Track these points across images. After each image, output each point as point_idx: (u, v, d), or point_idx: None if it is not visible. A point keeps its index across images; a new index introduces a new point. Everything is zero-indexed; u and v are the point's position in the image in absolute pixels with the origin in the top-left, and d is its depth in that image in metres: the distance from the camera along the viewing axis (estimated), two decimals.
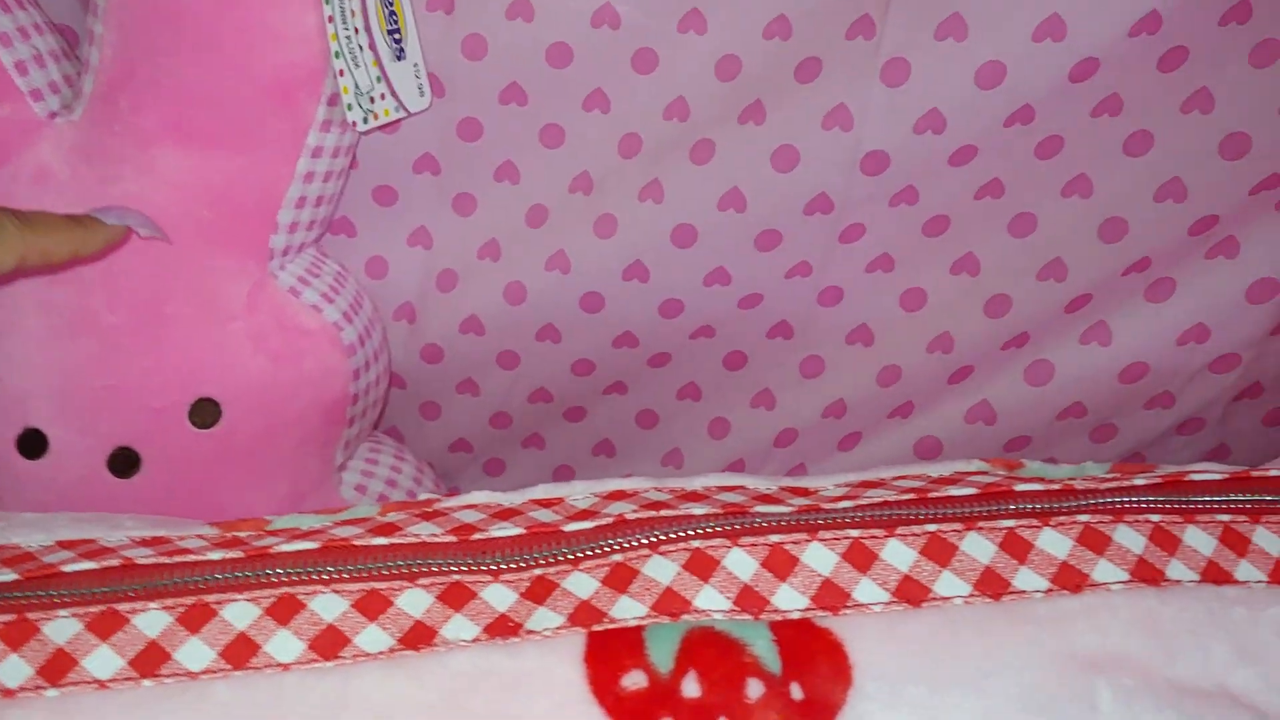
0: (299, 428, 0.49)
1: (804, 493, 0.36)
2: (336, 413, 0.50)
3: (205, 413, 0.47)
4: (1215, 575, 0.33)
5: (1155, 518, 0.34)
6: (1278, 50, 0.45)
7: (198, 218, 0.44)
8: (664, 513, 0.34)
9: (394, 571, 0.32)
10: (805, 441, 0.60)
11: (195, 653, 0.30)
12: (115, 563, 0.31)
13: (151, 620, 0.31)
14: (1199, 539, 0.34)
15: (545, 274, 0.54)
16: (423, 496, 0.37)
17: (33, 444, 0.46)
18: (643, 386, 0.60)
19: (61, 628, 0.30)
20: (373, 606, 0.31)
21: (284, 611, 0.31)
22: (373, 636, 0.31)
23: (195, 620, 0.31)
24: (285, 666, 0.30)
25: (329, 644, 0.31)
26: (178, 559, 0.32)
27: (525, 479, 0.64)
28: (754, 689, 0.30)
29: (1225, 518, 0.34)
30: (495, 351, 0.58)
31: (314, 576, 0.32)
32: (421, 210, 0.54)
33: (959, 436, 0.57)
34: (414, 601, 0.32)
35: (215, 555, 0.32)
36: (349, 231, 0.55)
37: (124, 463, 0.46)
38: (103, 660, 0.30)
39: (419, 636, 0.31)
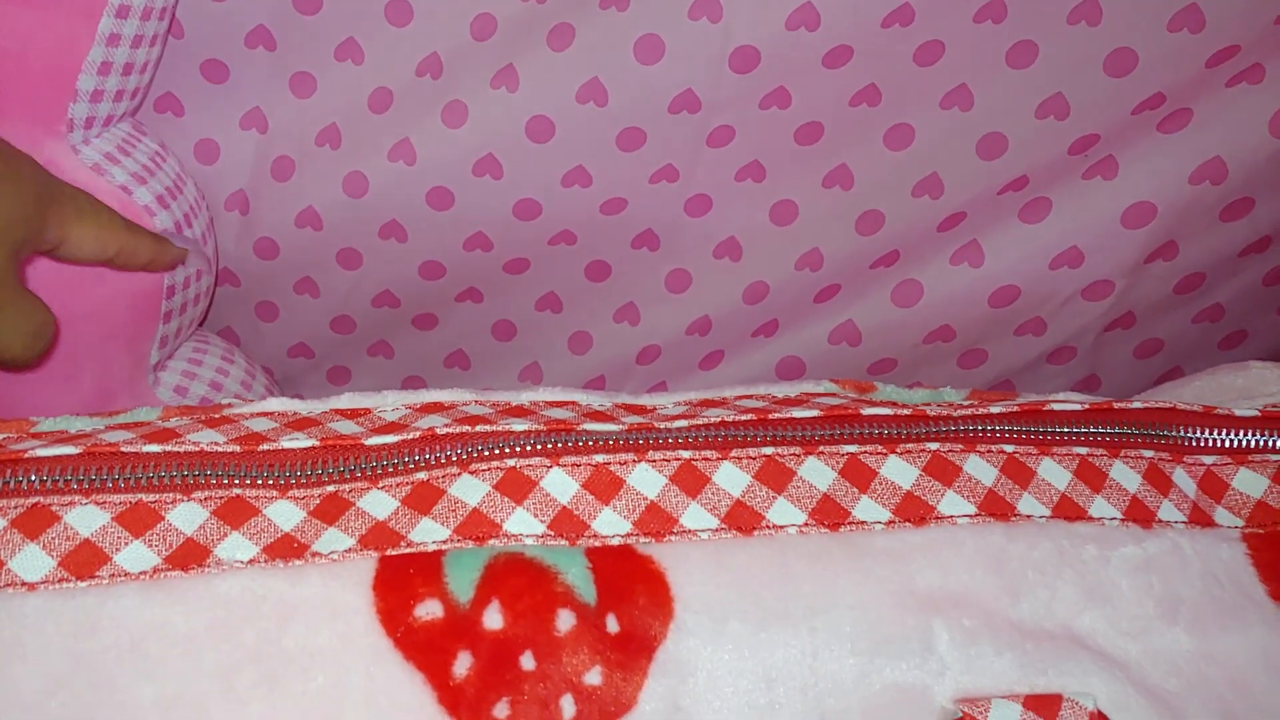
0: (103, 320, 0.44)
1: (639, 410, 0.34)
2: (148, 306, 0.45)
3: None
4: (1068, 511, 0.31)
5: (1009, 448, 0.32)
6: None
7: None
8: (480, 428, 0.31)
9: (166, 482, 0.29)
10: (667, 359, 0.58)
11: None
12: None
13: None
14: (1053, 472, 0.32)
15: (388, 165, 0.50)
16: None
17: None
18: (498, 295, 0.57)
19: None
20: (138, 520, 0.28)
21: (34, 524, 0.27)
22: (135, 554, 0.27)
23: None
24: (31, 586, 0.27)
25: (83, 562, 0.27)
26: None
27: (373, 389, 0.60)
28: (564, 621, 0.28)
29: (1083, 450, 0.33)
30: (335, 249, 0.54)
31: (73, 485, 0.28)
32: (255, 89, 0.50)
33: (822, 357, 0.55)
34: (186, 516, 0.28)
35: None
36: (175, 110, 0.50)
37: None
38: None
39: (189, 556, 0.28)
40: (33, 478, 0.28)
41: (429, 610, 0.27)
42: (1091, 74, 0.45)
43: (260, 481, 0.29)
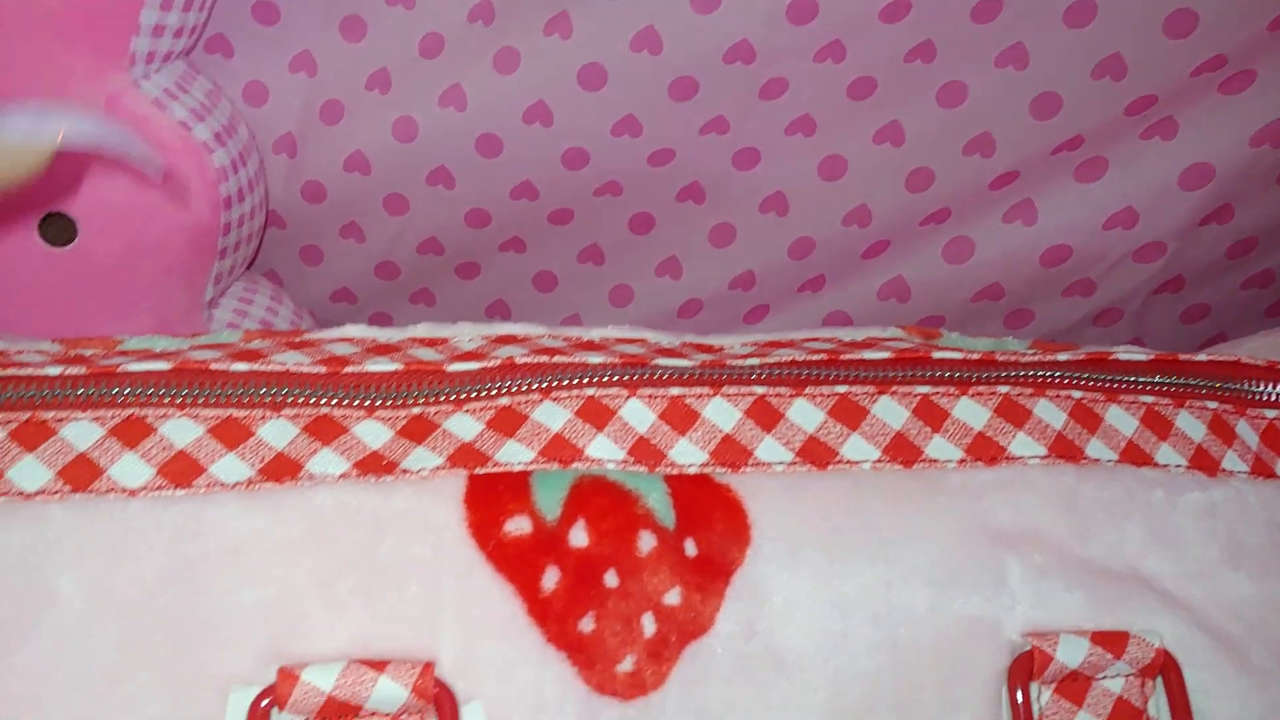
0: (162, 254, 0.45)
1: (708, 349, 0.34)
2: (205, 242, 0.46)
3: (58, 229, 0.43)
4: (1135, 456, 0.32)
5: (1077, 394, 0.33)
6: None
7: (46, 7, 0.40)
8: (557, 359, 0.31)
9: (255, 399, 0.29)
10: (710, 313, 0.58)
11: (29, 471, 0.27)
12: None
13: None
14: (1121, 419, 0.32)
15: (438, 110, 0.50)
16: None
17: None
18: (542, 245, 0.57)
19: None
20: (230, 435, 0.28)
21: (131, 434, 0.28)
22: (230, 466, 0.28)
23: (30, 437, 0.27)
24: (132, 492, 0.27)
25: (181, 471, 0.27)
26: (11, 371, 0.28)
27: None
28: (645, 542, 0.28)
29: (1149, 399, 0.33)
30: (382, 194, 0.54)
31: (165, 399, 0.29)
32: (306, 32, 0.50)
33: (870, 312, 0.55)
34: (277, 432, 0.29)
35: (54, 370, 0.28)
36: (225, 52, 0.50)
37: None
38: None
39: (282, 469, 0.28)
40: (126, 390, 0.28)
41: (518, 526, 0.28)
42: (1150, 35, 0.46)
43: (347, 402, 0.29)
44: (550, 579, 0.27)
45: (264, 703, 0.25)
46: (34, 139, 0.27)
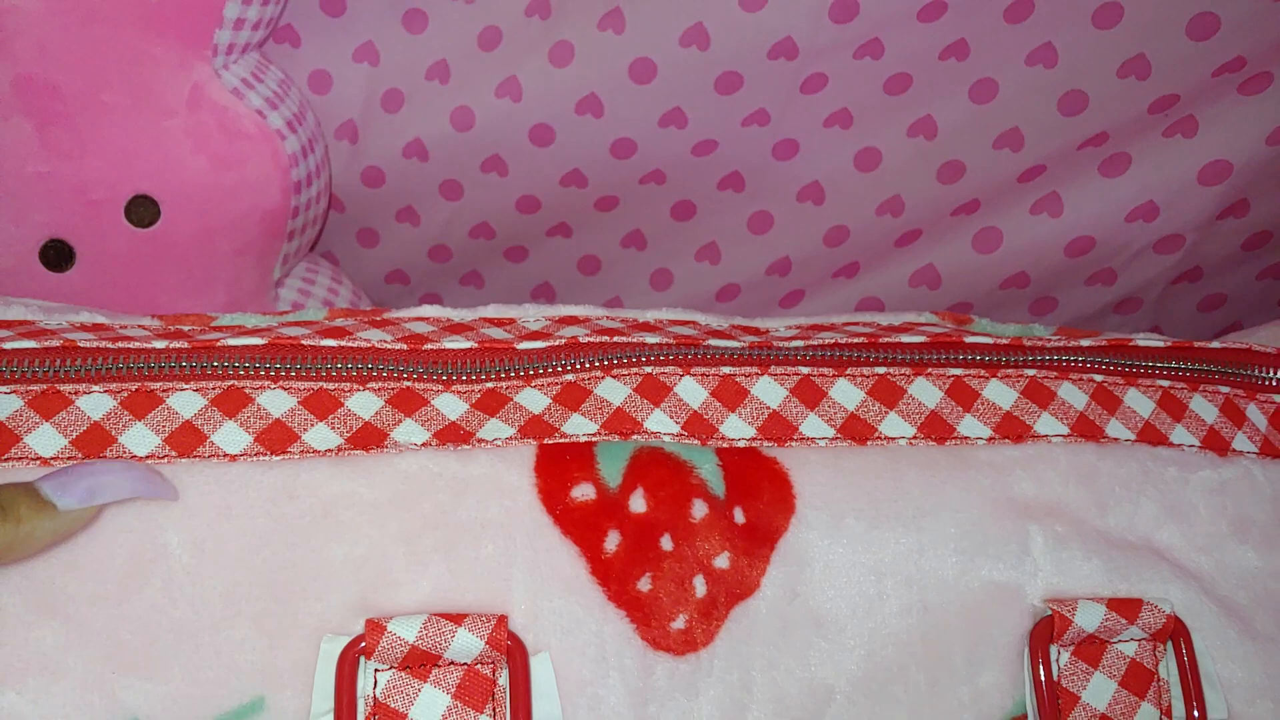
0: (237, 235, 0.47)
1: (755, 331, 0.36)
2: (276, 224, 0.48)
3: (143, 211, 0.45)
4: (1151, 436, 0.34)
5: (1098, 377, 0.35)
6: None
7: (141, 1, 0.42)
8: (617, 339, 0.34)
9: (343, 373, 0.32)
10: (747, 297, 0.60)
11: (139, 437, 0.30)
12: (56, 343, 0.30)
13: (95, 403, 0.30)
14: (1139, 401, 0.35)
15: (495, 101, 0.52)
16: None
17: None
18: (587, 230, 0.59)
19: (1, 404, 0.29)
20: (321, 405, 0.31)
21: (230, 404, 0.31)
22: (321, 435, 0.31)
23: (140, 406, 0.30)
24: (232, 457, 0.30)
25: (276, 439, 0.30)
26: (121, 345, 0.31)
27: None
28: (699, 509, 0.31)
29: (1165, 383, 0.35)
30: (438, 180, 0.56)
31: (261, 372, 0.31)
32: (370, 24, 0.52)
33: (901, 299, 0.58)
34: (363, 404, 0.31)
35: (159, 344, 0.31)
36: (293, 41, 0.53)
37: (57, 256, 0.45)
38: (45, 438, 0.29)
39: (368, 438, 0.31)
40: (225, 363, 0.31)
41: (584, 492, 0.30)
42: (1174, 37, 0.47)
43: (427, 376, 0.32)
44: (612, 541, 0.30)
45: (355, 650, 0.28)
46: (83, 506, 0.28)
